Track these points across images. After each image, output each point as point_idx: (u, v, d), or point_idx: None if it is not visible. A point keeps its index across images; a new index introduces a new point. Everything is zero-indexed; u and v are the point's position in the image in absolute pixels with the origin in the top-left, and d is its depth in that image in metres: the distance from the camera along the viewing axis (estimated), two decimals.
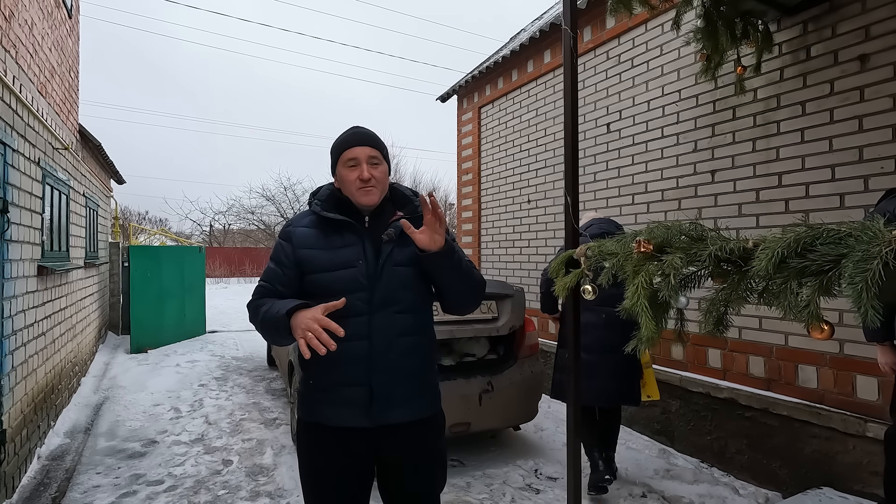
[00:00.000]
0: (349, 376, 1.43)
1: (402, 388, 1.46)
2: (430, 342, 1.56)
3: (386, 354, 1.43)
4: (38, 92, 3.82)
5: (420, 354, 1.50)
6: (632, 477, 3.10)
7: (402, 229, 1.42)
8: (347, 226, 1.47)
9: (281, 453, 3.46)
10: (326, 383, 1.45)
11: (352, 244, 1.45)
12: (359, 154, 1.45)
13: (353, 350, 1.41)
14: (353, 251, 1.44)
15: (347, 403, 1.43)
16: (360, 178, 1.44)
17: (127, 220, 20.88)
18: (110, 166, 8.30)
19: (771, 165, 3.02)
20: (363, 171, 1.44)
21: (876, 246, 0.86)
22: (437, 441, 1.57)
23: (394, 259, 1.45)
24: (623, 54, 4.10)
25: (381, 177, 1.47)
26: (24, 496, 2.88)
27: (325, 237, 1.46)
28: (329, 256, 1.44)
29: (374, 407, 1.42)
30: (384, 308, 1.43)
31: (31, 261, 3.36)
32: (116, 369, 5.89)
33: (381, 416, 1.43)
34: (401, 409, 1.45)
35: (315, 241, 1.46)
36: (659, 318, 1.48)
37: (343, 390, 1.43)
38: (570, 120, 2.11)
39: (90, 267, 6.10)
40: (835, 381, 2.69)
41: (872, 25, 2.58)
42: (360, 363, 1.42)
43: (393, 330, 1.44)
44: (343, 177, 1.47)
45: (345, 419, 1.44)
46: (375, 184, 1.46)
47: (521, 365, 3.41)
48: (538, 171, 5.10)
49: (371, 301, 1.42)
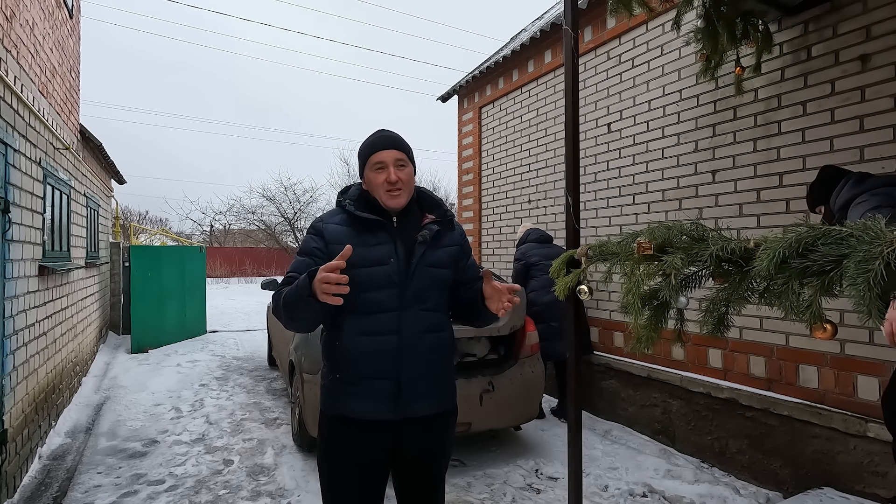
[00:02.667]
0: (379, 369, 1.49)
1: (426, 381, 1.53)
2: (451, 339, 1.63)
3: (414, 349, 1.50)
4: (39, 92, 3.83)
5: (443, 350, 1.58)
6: (632, 476, 3.10)
7: (434, 232, 1.54)
8: (380, 225, 1.52)
9: (282, 453, 3.46)
10: (355, 376, 1.51)
11: (384, 242, 1.51)
12: (385, 157, 1.50)
13: (383, 344, 1.48)
14: (386, 249, 1.50)
15: (375, 396, 1.49)
16: (388, 180, 1.49)
17: (128, 220, 20.89)
18: (111, 166, 8.31)
19: (772, 165, 3.02)
20: (391, 174, 1.49)
21: (877, 246, 0.86)
22: (450, 434, 1.65)
23: (426, 260, 1.52)
24: (624, 54, 4.10)
25: (407, 179, 1.52)
26: (26, 496, 2.88)
27: (358, 235, 1.51)
28: (362, 253, 1.48)
29: (400, 399, 1.49)
30: (413, 305, 1.51)
31: (32, 261, 3.37)
32: (117, 369, 5.90)
33: (406, 409, 1.50)
34: (424, 402, 1.53)
35: (348, 238, 1.50)
36: (658, 318, 1.49)
37: (372, 383, 1.49)
38: (572, 120, 2.12)
39: (91, 267, 6.10)
40: (836, 381, 2.69)
41: (873, 25, 2.58)
42: (390, 357, 1.49)
43: (420, 326, 1.51)
44: (371, 180, 1.53)
45: (371, 412, 1.49)
46: (402, 186, 1.51)
47: (521, 365, 3.41)
48: (539, 171, 5.10)
49: (402, 298, 1.49)
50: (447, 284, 1.59)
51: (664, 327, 1.54)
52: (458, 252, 1.62)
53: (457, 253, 1.62)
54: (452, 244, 1.61)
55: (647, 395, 3.73)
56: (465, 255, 1.65)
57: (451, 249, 1.60)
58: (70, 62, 5.21)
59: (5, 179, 2.83)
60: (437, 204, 1.64)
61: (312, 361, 3.16)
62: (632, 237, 1.51)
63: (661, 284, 1.35)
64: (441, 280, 1.56)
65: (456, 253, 1.61)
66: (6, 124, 2.86)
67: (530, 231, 4.43)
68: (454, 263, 1.60)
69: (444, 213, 1.62)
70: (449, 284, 1.60)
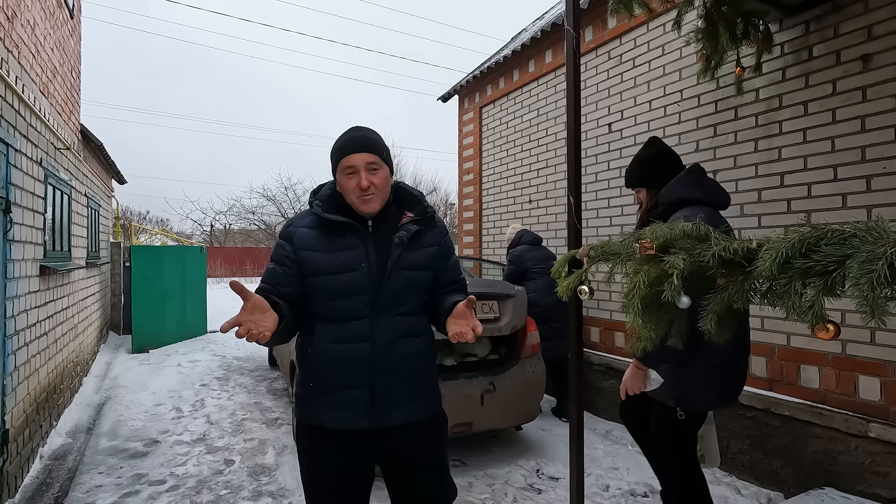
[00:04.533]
0: (351, 378, 1.42)
1: (403, 388, 1.45)
2: (431, 343, 1.55)
3: (388, 356, 1.42)
4: (40, 92, 3.83)
5: (421, 355, 1.49)
6: (633, 476, 3.10)
7: (413, 232, 1.43)
8: (350, 227, 1.43)
9: (283, 453, 3.46)
10: (327, 385, 1.43)
11: (354, 247, 1.42)
12: (356, 162, 1.39)
13: (355, 352, 1.40)
14: (356, 254, 1.42)
15: (349, 406, 1.42)
16: (359, 186, 1.39)
17: (128, 220, 20.89)
18: (112, 166, 8.31)
19: (773, 165, 3.02)
20: (361, 180, 1.39)
21: (881, 246, 0.86)
22: (438, 441, 1.56)
23: (403, 262, 1.44)
24: (625, 54, 4.10)
25: (380, 183, 1.42)
26: (27, 496, 2.88)
27: (328, 239, 1.43)
28: (331, 259, 1.41)
29: (375, 408, 1.42)
30: (388, 310, 1.43)
31: (33, 261, 3.37)
32: (118, 369, 5.90)
33: (382, 418, 1.43)
34: (401, 409, 1.45)
35: (316, 242, 1.43)
36: (660, 319, 1.49)
37: (344, 392, 1.42)
38: (573, 120, 2.11)
39: (92, 267, 6.10)
40: (837, 382, 2.69)
41: (875, 25, 2.58)
42: (363, 365, 1.41)
43: (395, 332, 1.43)
44: (342, 184, 1.43)
45: (345, 421, 1.42)
46: (375, 191, 1.41)
47: (522, 365, 3.41)
48: (539, 171, 5.09)
49: (374, 304, 1.41)
50: (426, 287, 1.50)
51: (665, 327, 1.54)
52: (438, 252, 1.52)
53: (436, 253, 1.51)
54: (432, 244, 1.51)
55: None
56: (444, 256, 1.54)
57: (431, 250, 1.50)
58: (71, 62, 5.21)
59: (6, 179, 2.83)
60: (417, 200, 1.53)
61: None
62: (634, 237, 1.51)
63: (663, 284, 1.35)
64: (419, 282, 1.47)
65: (435, 253, 1.51)
66: (7, 124, 2.86)
67: (522, 233, 4.44)
68: (434, 264, 1.51)
69: (424, 210, 1.51)
70: (429, 286, 1.51)
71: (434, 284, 1.53)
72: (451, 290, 1.54)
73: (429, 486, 1.53)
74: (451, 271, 1.56)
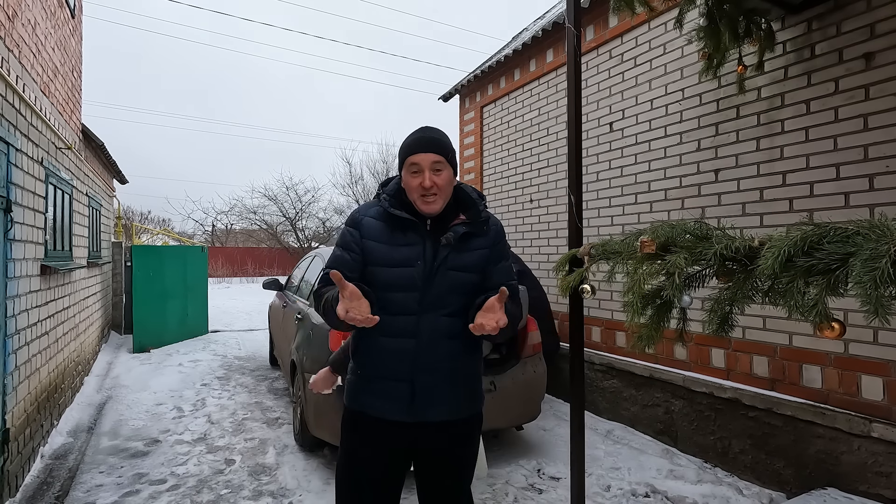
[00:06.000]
0: (394, 371, 1.48)
1: (443, 387, 1.50)
2: (476, 346, 1.58)
3: (430, 354, 1.47)
4: (41, 91, 3.83)
5: (464, 357, 1.53)
6: (635, 477, 3.09)
7: (462, 233, 1.47)
8: (411, 224, 1.48)
9: (283, 453, 3.46)
10: (373, 374, 1.50)
11: (413, 243, 1.47)
12: (421, 161, 1.43)
13: (399, 346, 1.47)
14: (414, 251, 1.46)
15: (390, 397, 1.48)
16: (423, 185, 1.42)
17: (130, 220, 20.93)
18: (113, 166, 8.31)
19: (775, 164, 3.01)
20: (425, 179, 1.42)
21: (884, 244, 0.85)
22: (472, 441, 1.62)
23: (449, 263, 1.47)
24: (626, 53, 4.09)
25: (443, 184, 1.45)
26: (28, 495, 2.88)
27: (390, 232, 1.49)
28: (390, 252, 1.46)
29: (415, 403, 1.47)
30: (433, 310, 1.47)
31: (34, 260, 3.37)
32: (119, 368, 5.90)
33: (420, 414, 1.48)
34: (440, 408, 1.50)
35: (380, 234, 1.49)
36: (661, 317, 1.48)
37: (387, 384, 1.49)
38: (575, 119, 2.11)
39: (93, 266, 6.11)
40: (839, 381, 2.67)
41: (877, 23, 2.57)
42: (405, 360, 1.47)
43: (439, 332, 1.47)
44: (406, 182, 1.48)
45: (385, 412, 1.49)
46: (437, 191, 1.44)
47: (523, 364, 3.40)
48: (541, 170, 5.09)
49: (422, 301, 1.46)
50: (471, 289, 1.49)
51: (666, 326, 1.53)
52: (488, 255, 1.52)
53: (486, 256, 1.51)
54: (482, 247, 1.51)
55: (650, 394, 3.71)
56: (494, 259, 1.53)
57: (481, 252, 1.51)
58: (72, 62, 5.21)
59: (7, 179, 2.84)
60: (473, 203, 1.54)
61: (314, 361, 3.16)
62: (635, 236, 1.50)
63: (664, 283, 1.34)
64: (463, 284, 1.48)
65: (485, 256, 1.51)
66: (8, 124, 2.87)
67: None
68: (483, 267, 1.51)
69: (478, 213, 1.52)
70: (475, 289, 1.50)
71: (481, 288, 1.52)
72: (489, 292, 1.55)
73: (454, 477, 1.60)
74: (498, 275, 1.54)
